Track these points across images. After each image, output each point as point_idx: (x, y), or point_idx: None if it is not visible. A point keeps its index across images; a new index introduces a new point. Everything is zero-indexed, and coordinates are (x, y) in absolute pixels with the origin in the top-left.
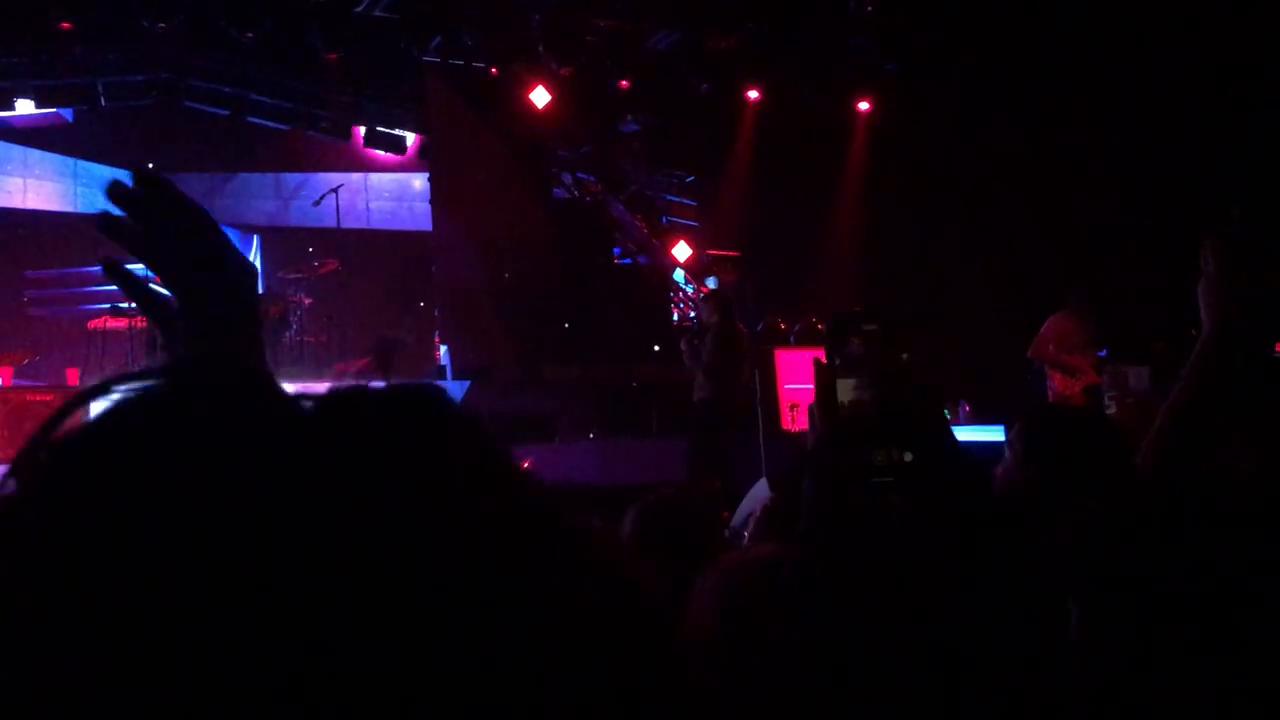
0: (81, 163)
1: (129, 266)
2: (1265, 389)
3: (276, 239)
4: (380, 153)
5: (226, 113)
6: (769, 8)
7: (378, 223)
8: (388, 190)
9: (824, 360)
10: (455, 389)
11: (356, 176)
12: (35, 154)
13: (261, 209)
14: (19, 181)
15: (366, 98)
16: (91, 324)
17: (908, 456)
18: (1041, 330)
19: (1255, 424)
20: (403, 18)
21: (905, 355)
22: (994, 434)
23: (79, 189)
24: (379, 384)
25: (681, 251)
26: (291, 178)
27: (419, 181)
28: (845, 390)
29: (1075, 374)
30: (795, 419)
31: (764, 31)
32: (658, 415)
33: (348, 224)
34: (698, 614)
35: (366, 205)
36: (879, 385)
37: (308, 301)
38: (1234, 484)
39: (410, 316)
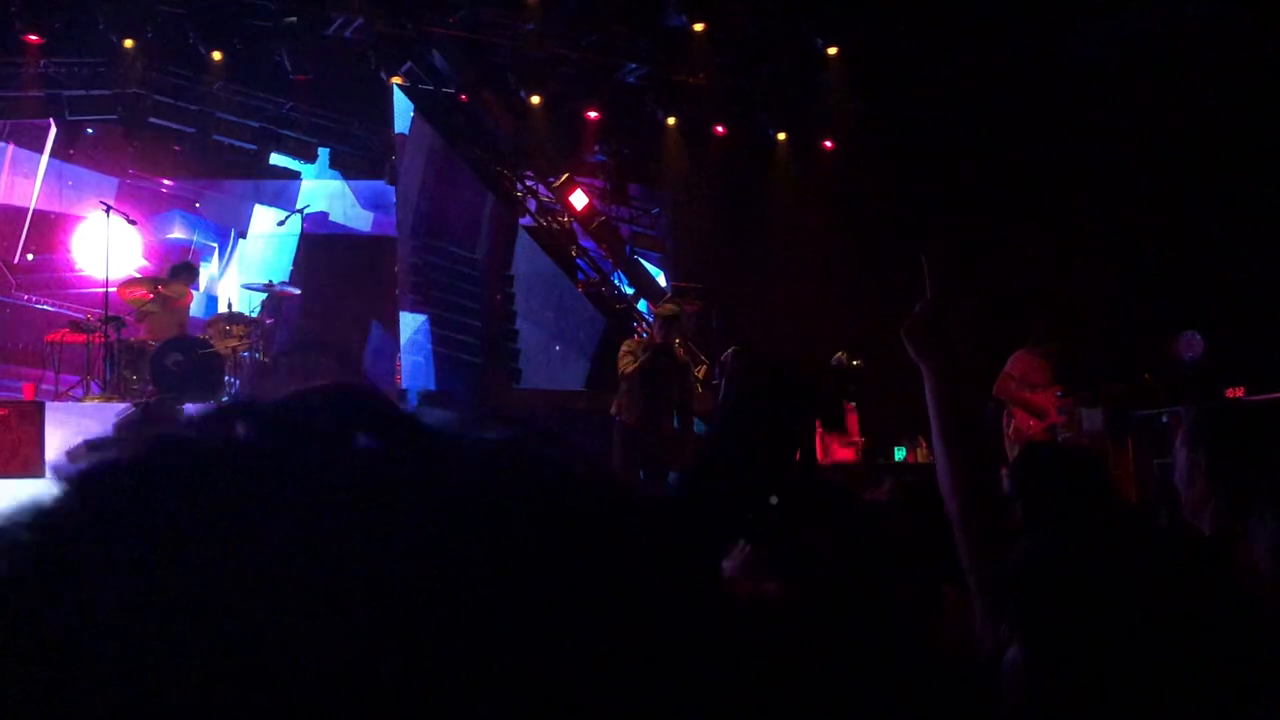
0: (67, 165)
1: None
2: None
3: (254, 244)
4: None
5: (192, 130)
6: (736, 47)
7: (357, 228)
8: (364, 196)
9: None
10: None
11: (335, 184)
12: (24, 153)
13: (244, 212)
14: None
15: (334, 119)
16: (49, 337)
17: (774, 500)
18: (1008, 367)
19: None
20: (373, 41)
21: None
22: None
23: (64, 190)
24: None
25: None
26: (270, 182)
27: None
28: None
29: (1040, 414)
30: None
31: (731, 69)
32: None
33: (325, 230)
34: None
35: (344, 211)
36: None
37: (269, 321)
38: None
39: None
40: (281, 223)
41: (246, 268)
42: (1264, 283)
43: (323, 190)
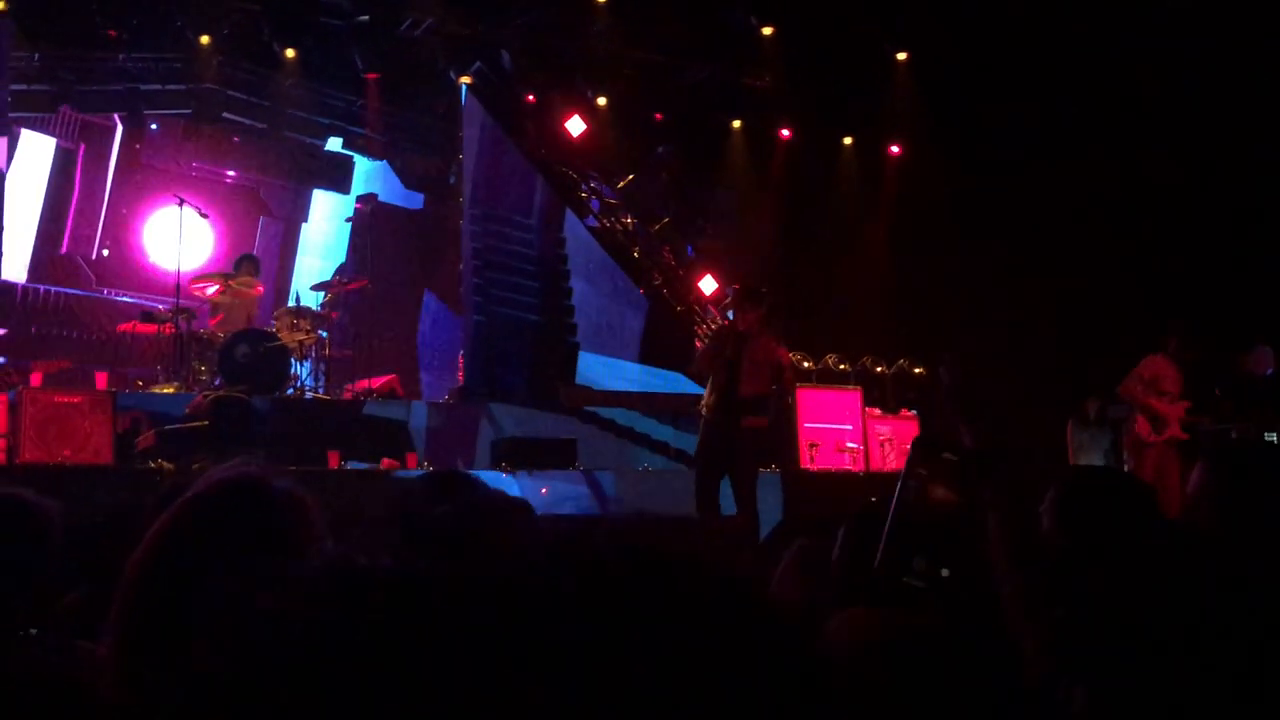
0: (134, 162)
1: None
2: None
3: (316, 228)
4: None
5: (263, 126)
6: (803, 50)
7: (408, 206)
8: (408, 176)
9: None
10: (475, 410)
11: (381, 165)
12: (94, 152)
13: (304, 197)
14: None
15: (403, 118)
16: (121, 327)
17: (945, 573)
18: (1140, 369)
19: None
20: (444, 41)
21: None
22: None
23: (133, 185)
24: None
25: (707, 285)
26: (327, 167)
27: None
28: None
29: (1163, 425)
30: (814, 458)
31: (797, 72)
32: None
33: (375, 210)
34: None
35: (392, 191)
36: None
37: (334, 315)
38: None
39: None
40: (350, 220)
41: (310, 252)
42: None
43: (371, 172)
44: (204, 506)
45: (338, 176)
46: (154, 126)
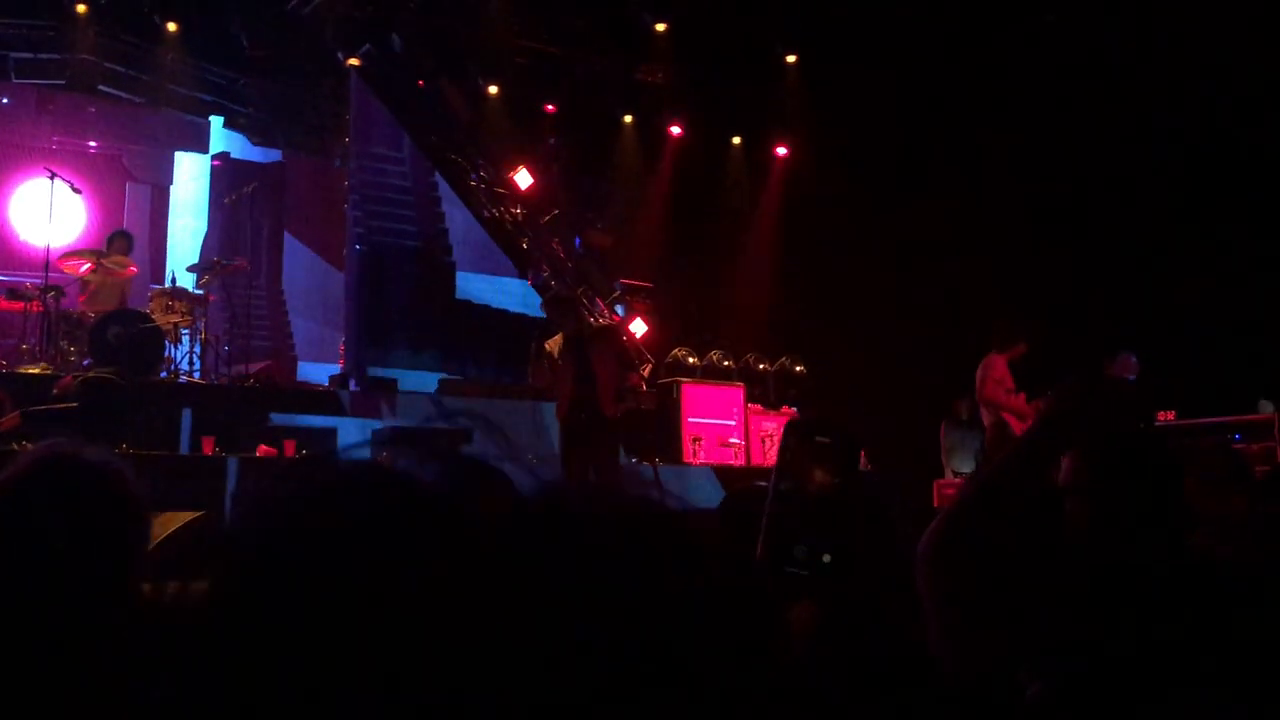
0: None
1: None
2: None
3: (183, 189)
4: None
5: (141, 100)
6: (695, 48)
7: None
8: (256, 133)
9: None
10: (353, 397)
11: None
12: None
13: (167, 161)
14: None
15: (288, 98)
16: None
17: (826, 559)
18: (992, 372)
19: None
20: (333, 21)
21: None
22: None
23: None
24: None
25: (522, 180)
26: (184, 129)
27: None
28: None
29: (1024, 418)
30: (698, 452)
31: (690, 70)
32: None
33: (229, 165)
34: None
35: (243, 149)
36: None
37: (212, 298)
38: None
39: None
40: (232, 200)
41: (182, 213)
42: (1200, 306)
43: (223, 133)
44: (19, 487)
45: (196, 136)
46: (4, 100)
